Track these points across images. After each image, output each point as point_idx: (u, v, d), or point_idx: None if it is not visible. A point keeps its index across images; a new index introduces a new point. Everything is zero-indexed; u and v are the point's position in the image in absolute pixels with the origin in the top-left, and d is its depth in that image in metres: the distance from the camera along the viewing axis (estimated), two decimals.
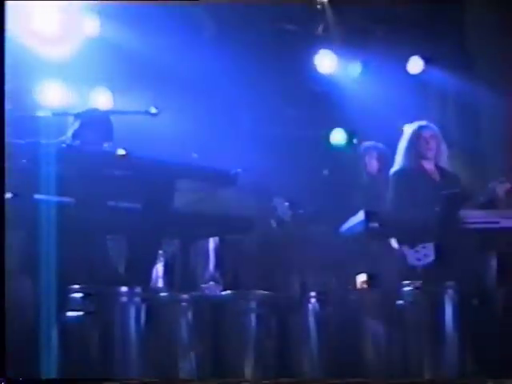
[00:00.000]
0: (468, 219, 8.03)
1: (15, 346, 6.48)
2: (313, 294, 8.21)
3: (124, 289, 6.84)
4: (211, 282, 8.35)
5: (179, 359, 7.30)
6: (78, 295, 6.71)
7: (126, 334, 6.80)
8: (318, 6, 10.13)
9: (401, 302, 7.94)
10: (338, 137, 9.94)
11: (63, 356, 6.58)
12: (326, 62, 10.45)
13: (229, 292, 7.99)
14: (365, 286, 8.42)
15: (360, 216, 8.16)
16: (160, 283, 8.10)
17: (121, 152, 7.14)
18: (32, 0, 8.30)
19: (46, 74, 8.49)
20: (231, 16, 9.63)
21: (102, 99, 9.20)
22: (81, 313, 6.67)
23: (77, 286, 6.72)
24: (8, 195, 6.67)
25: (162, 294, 7.45)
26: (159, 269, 8.10)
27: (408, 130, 8.71)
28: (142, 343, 6.84)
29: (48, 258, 6.48)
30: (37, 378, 6.32)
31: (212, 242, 8.50)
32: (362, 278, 8.44)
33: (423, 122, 8.71)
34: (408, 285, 7.96)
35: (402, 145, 8.69)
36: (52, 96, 8.66)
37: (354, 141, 9.47)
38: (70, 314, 6.68)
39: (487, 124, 10.66)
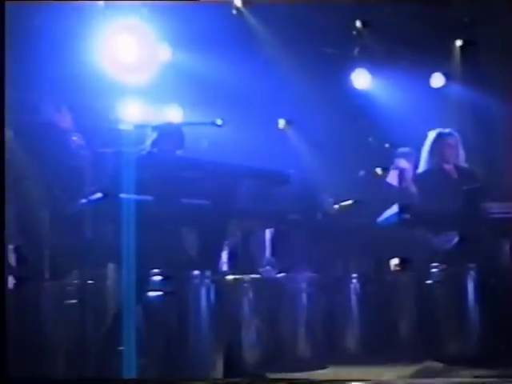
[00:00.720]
0: (486, 210, 8.03)
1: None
2: (354, 275, 8.26)
3: (196, 272, 6.93)
4: (268, 267, 8.38)
5: (242, 331, 7.35)
6: (158, 278, 6.80)
7: (198, 309, 6.86)
8: (354, 32, 10.13)
9: (429, 281, 7.96)
10: (372, 141, 9.90)
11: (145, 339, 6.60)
12: (361, 79, 10.44)
13: (283, 274, 8.04)
14: (397, 268, 8.37)
15: (394, 209, 8.17)
16: (226, 267, 8.12)
17: None
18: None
19: (127, 93, 8.54)
20: (282, 42, 9.64)
21: (174, 114, 9.23)
22: (160, 293, 6.76)
23: (157, 270, 6.81)
24: (98, 195, 6.76)
25: (228, 277, 7.52)
26: (225, 255, 8.12)
27: (431, 135, 8.67)
28: (211, 318, 6.88)
29: (132, 247, 6.49)
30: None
31: (268, 233, 8.51)
32: (395, 262, 8.39)
33: (444, 129, 8.68)
34: (435, 267, 7.98)
35: (426, 149, 8.65)
36: (133, 112, 8.70)
37: (386, 145, 9.39)
38: (151, 293, 6.76)
39: (499, 130, 10.58)
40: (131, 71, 8.20)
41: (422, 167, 8.62)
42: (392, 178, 9.06)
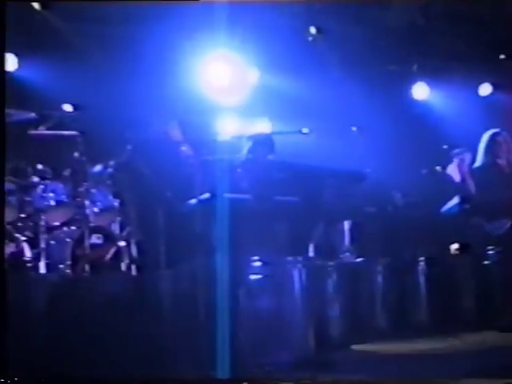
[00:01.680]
0: None
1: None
2: (421, 258, 8.27)
3: (290, 258, 7.04)
4: (347, 253, 8.41)
5: (327, 309, 7.40)
6: (258, 263, 6.89)
7: (292, 289, 6.92)
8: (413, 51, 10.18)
9: (486, 262, 7.96)
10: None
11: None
12: (420, 91, 10.43)
13: (360, 259, 8.10)
14: (457, 252, 8.35)
15: (455, 200, 8.19)
16: (313, 254, 8.11)
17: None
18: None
19: (226, 110, 8.65)
20: (353, 61, 9.67)
21: (264, 125, 9.24)
22: (260, 276, 6.84)
23: (256, 257, 6.89)
24: (207, 195, 6.92)
25: (315, 262, 7.59)
26: (312, 243, 8.14)
27: (485, 136, 8.67)
28: (302, 296, 6.96)
29: (235, 239, 6.59)
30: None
31: (347, 224, 8.55)
32: (455, 246, 8.37)
33: (496, 130, 8.67)
34: (491, 250, 7.98)
35: (481, 147, 8.66)
36: (231, 126, 8.82)
37: (444, 146, 9.36)
38: (252, 277, 6.85)
39: None
40: (228, 91, 8.35)
41: (477, 163, 8.62)
42: (452, 173, 9.02)
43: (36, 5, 8.43)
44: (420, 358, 6.83)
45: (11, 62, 8.59)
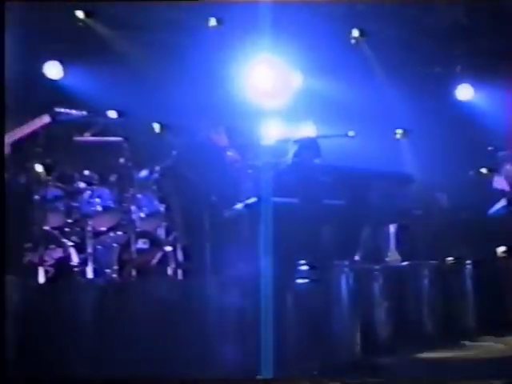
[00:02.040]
0: None
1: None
2: (468, 261, 8.16)
3: (337, 262, 6.99)
4: (393, 256, 8.33)
5: (374, 310, 7.33)
6: (305, 267, 6.83)
7: (339, 292, 6.86)
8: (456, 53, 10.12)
9: None
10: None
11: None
12: (464, 92, 10.37)
13: (406, 263, 8.01)
14: (504, 255, 8.23)
15: (503, 202, 8.08)
16: (359, 257, 8.05)
17: None
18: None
19: (271, 115, 8.64)
20: (396, 62, 9.65)
21: (309, 129, 9.20)
22: (307, 280, 6.77)
23: (303, 261, 6.83)
24: (254, 199, 6.90)
25: (362, 265, 7.53)
26: (358, 247, 8.07)
27: None
28: (348, 301, 6.90)
29: (282, 242, 6.53)
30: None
31: (392, 227, 8.47)
32: (501, 249, 8.26)
33: None
34: None
35: None
36: (276, 130, 8.79)
37: (489, 148, 9.26)
38: (299, 281, 6.77)
39: None
40: (272, 95, 8.34)
41: None
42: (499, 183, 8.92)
43: (80, 13, 8.52)
44: (466, 362, 6.74)
45: (56, 70, 8.75)
